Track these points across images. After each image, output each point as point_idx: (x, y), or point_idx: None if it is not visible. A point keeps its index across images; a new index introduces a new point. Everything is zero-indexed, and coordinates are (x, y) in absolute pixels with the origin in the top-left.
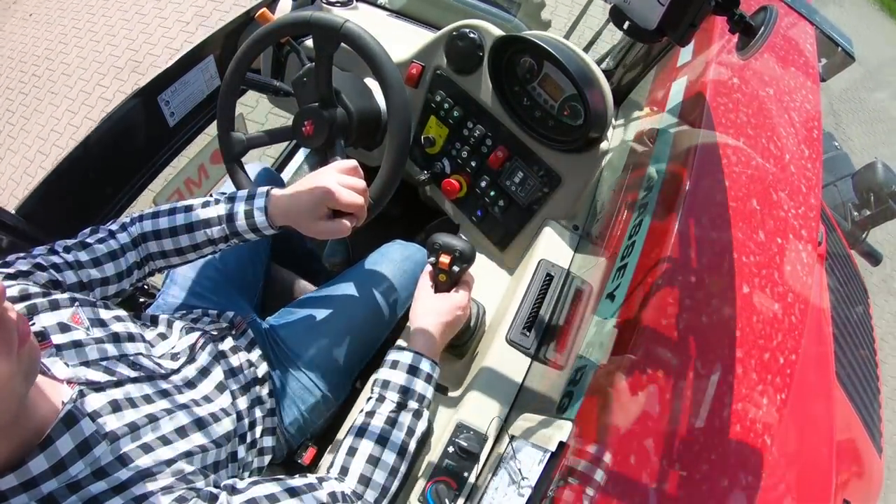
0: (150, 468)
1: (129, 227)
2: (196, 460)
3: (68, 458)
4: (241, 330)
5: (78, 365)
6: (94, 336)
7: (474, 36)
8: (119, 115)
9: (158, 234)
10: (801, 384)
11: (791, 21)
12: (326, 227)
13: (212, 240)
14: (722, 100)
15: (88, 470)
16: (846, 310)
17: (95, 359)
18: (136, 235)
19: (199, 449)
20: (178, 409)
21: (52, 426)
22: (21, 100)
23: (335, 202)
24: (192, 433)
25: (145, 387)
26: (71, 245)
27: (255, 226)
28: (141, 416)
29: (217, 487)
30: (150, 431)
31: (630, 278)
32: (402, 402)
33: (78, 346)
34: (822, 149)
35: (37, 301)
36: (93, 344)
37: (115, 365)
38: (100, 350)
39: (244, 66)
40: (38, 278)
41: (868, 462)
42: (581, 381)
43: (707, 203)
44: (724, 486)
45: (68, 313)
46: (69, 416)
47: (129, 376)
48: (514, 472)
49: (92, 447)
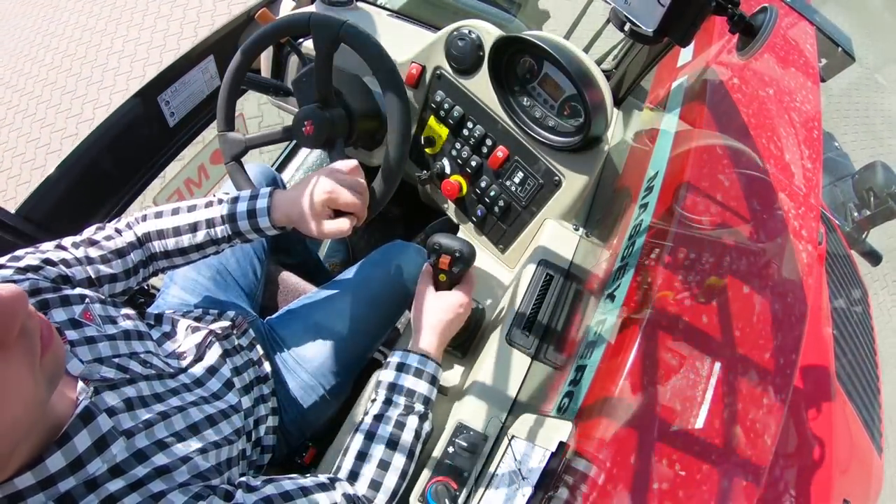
0: (167, 465)
1: (134, 226)
2: (211, 457)
3: (86, 456)
4: (242, 330)
5: (91, 361)
6: (107, 333)
7: (474, 36)
8: (119, 115)
9: (162, 234)
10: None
11: (791, 21)
12: (328, 227)
13: (215, 240)
14: (722, 100)
15: (105, 467)
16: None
17: (108, 355)
18: (141, 235)
19: (212, 446)
20: (189, 406)
21: (70, 422)
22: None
23: (336, 202)
24: (205, 430)
25: (156, 385)
26: (79, 241)
27: (258, 226)
28: (154, 414)
29: (231, 485)
30: (164, 429)
31: (630, 278)
32: (410, 405)
33: (91, 342)
34: (822, 149)
35: (48, 297)
36: (105, 341)
37: (127, 362)
38: (112, 347)
39: (244, 66)
40: (49, 273)
41: (868, 462)
42: (581, 381)
43: (707, 203)
44: (724, 486)
45: (79, 309)
46: (86, 413)
47: (141, 374)
48: (514, 472)
49: (109, 444)
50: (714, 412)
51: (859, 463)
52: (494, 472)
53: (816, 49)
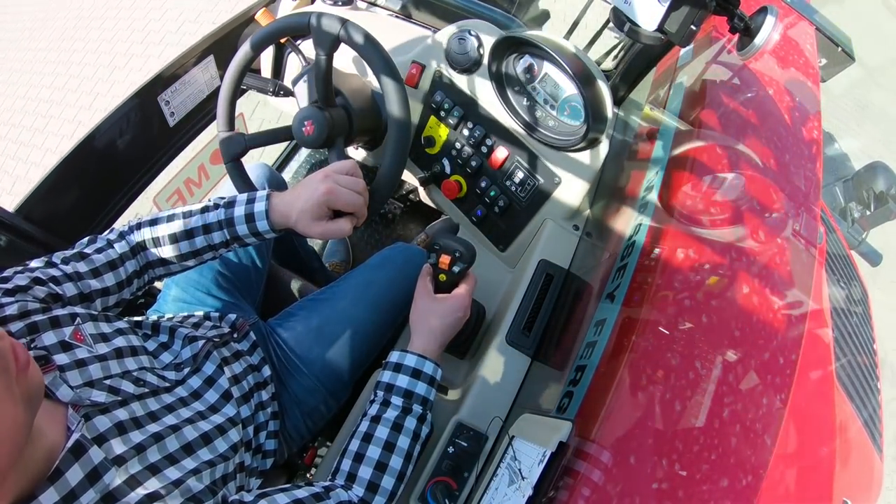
0: (159, 490)
1: (128, 235)
2: (205, 476)
3: (79, 489)
4: (243, 332)
5: (82, 386)
6: (98, 353)
7: (474, 36)
8: (119, 114)
9: (157, 242)
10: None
11: (791, 21)
12: (327, 227)
13: (212, 245)
14: (722, 100)
15: (98, 496)
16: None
17: (99, 377)
18: (135, 244)
19: (206, 465)
20: (183, 424)
21: (61, 457)
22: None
23: (335, 203)
24: (199, 449)
25: (150, 403)
26: (69, 256)
27: (256, 230)
28: (147, 437)
29: (225, 503)
30: (157, 451)
31: (630, 278)
32: (407, 406)
33: (81, 365)
34: (822, 149)
35: (37, 319)
36: (96, 362)
37: (118, 383)
38: (103, 368)
39: (244, 66)
40: (38, 293)
41: (868, 462)
42: (581, 381)
43: (707, 203)
44: (724, 486)
45: (69, 331)
46: (77, 446)
47: (133, 394)
48: (514, 472)
49: (101, 475)
50: (714, 412)
51: (859, 463)
52: (494, 472)
53: (816, 49)
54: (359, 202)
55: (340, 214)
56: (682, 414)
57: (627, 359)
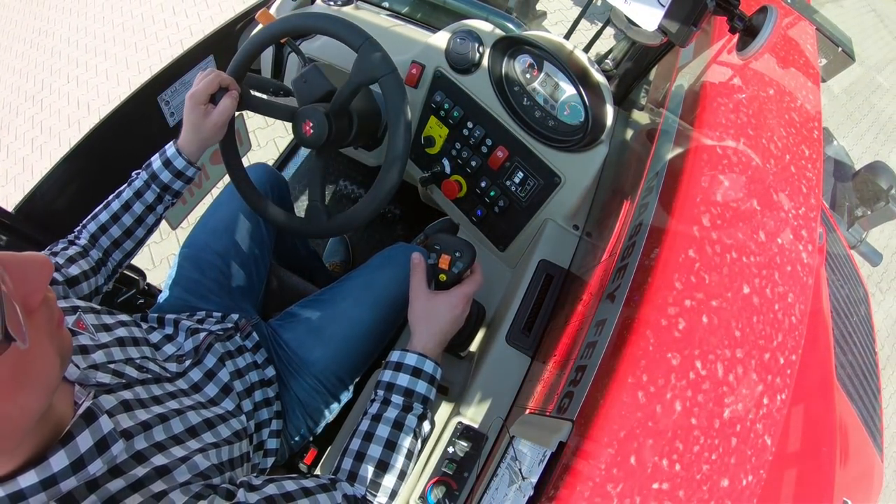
0: (166, 465)
1: (81, 233)
2: (211, 456)
3: (87, 456)
4: (245, 332)
5: (87, 368)
6: (100, 342)
7: (474, 36)
8: (119, 114)
9: (104, 227)
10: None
11: (791, 21)
12: (216, 113)
13: (149, 206)
14: (722, 100)
15: (105, 468)
16: (846, 310)
17: (103, 362)
18: (89, 236)
19: (211, 447)
20: (187, 410)
21: (73, 421)
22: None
23: (201, 96)
24: (203, 433)
25: (154, 388)
26: None
27: (177, 170)
28: (152, 416)
29: (233, 484)
30: (163, 431)
31: (630, 278)
32: (408, 405)
33: (84, 351)
34: (822, 149)
35: None
36: (98, 350)
37: (122, 368)
38: (106, 354)
39: (244, 65)
40: None
41: (868, 462)
42: (581, 381)
43: (707, 203)
44: (725, 486)
45: (72, 320)
46: (89, 413)
47: (136, 378)
48: (514, 472)
49: (109, 445)
50: (714, 412)
51: (859, 463)
52: (494, 472)
53: (816, 49)
54: (212, 79)
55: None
56: (682, 414)
57: (627, 359)
